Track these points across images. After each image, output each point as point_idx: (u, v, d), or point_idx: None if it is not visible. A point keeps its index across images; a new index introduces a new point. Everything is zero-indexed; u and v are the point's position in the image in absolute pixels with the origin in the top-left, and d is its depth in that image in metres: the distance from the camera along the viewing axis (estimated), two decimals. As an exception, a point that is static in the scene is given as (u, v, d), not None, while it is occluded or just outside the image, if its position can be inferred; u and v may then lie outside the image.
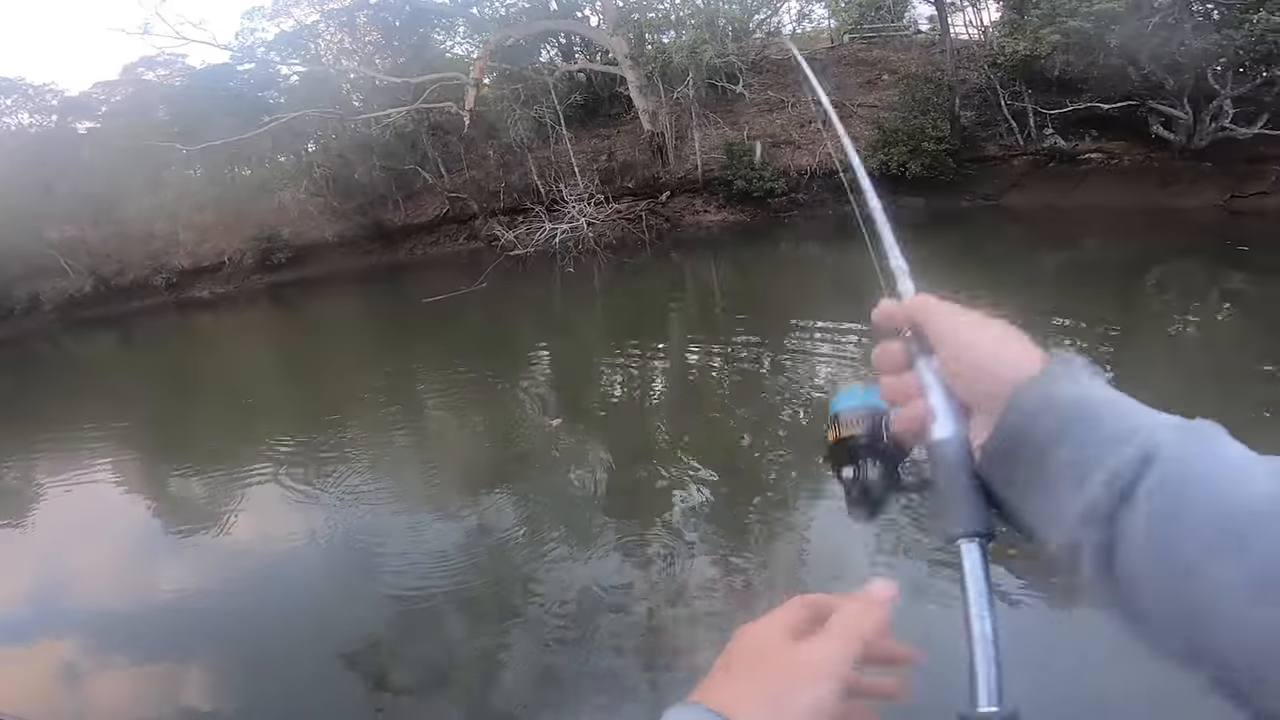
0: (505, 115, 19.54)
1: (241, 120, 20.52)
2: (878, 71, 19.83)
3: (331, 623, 4.65)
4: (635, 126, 19.82)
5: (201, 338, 18.95)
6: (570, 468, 6.27)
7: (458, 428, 8.29)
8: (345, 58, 23.30)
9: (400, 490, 6.52)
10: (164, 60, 25.08)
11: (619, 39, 18.53)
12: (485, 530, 5.54)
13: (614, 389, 8.68)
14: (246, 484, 7.21)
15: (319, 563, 5.48)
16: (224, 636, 4.76)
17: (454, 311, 13.75)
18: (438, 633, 4.46)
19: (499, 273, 15.90)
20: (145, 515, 7.33)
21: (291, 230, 22.69)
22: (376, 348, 13.41)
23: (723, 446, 6.30)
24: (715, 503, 5.39)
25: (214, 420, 10.06)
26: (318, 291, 21.20)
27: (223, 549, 6.06)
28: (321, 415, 9.02)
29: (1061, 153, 15.80)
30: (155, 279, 22.72)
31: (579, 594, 4.46)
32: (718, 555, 4.70)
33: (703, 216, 19.14)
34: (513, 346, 11.58)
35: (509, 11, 21.35)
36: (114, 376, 15.51)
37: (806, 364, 8.23)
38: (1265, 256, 10.84)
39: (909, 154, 16.15)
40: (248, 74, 24.44)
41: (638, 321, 11.86)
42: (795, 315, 9.97)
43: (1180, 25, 12.18)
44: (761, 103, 19.68)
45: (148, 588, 5.58)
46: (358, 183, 21.63)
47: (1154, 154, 14.87)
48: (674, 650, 3.98)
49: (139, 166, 22.15)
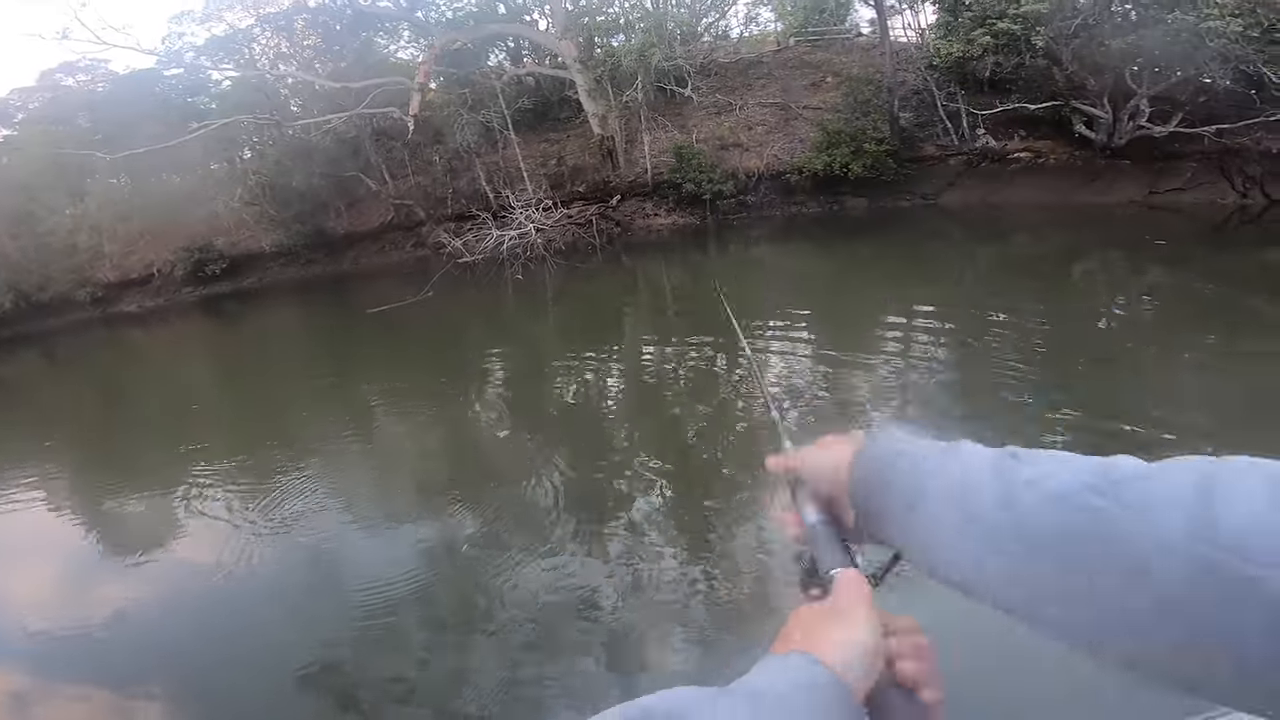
0: (452, 120, 19.24)
1: (169, 127, 19.59)
2: (822, 74, 20.32)
3: (286, 644, 4.49)
4: (585, 130, 19.78)
5: (131, 353, 18.02)
6: (525, 474, 6.21)
7: (407, 439, 8.12)
8: (283, 62, 22.52)
9: (351, 504, 6.34)
10: (85, 66, 23.83)
11: (568, 43, 18.49)
12: (443, 541, 5.45)
13: (566, 394, 8.65)
14: (185, 505, 6.88)
15: (268, 584, 5.27)
16: (171, 663, 4.55)
17: (401, 321, 13.45)
18: (400, 647, 4.36)
19: (447, 281, 15.64)
20: (76, 539, 6.93)
21: (226, 240, 21.76)
22: (319, 360, 13.01)
23: (678, 447, 6.36)
24: (674, 502, 5.44)
25: (146, 439, 9.59)
26: (256, 303, 20.39)
27: (162, 573, 5.76)
28: (262, 431, 8.71)
29: (993, 152, 16.50)
30: (79, 293, 21.50)
31: (542, 599, 4.43)
32: (678, 554, 4.75)
33: (653, 220, 19.25)
34: (462, 355, 11.40)
35: (455, 15, 21.05)
36: (42, 396, 14.63)
37: (759, 362, 8.37)
38: (1179, 249, 11.59)
39: (851, 155, 16.59)
40: (175, 79, 23.39)
41: (590, 326, 11.85)
42: (746, 316, 10.13)
43: (1100, 25, 12.75)
44: (710, 105, 19.91)
45: (85, 615, 5.28)
46: (296, 190, 20.88)
47: (1078, 152, 15.69)
48: (641, 649, 4.01)
49: (59, 176, 20.97)
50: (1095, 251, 12.32)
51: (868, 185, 17.01)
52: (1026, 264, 11.81)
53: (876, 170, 16.58)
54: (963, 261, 13.02)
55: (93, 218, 21.96)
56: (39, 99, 24.31)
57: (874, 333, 8.70)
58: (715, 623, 4.11)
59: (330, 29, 21.60)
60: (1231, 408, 5.64)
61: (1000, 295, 10.12)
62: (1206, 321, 7.86)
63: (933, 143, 17.30)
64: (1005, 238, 14.35)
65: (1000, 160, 16.58)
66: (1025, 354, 7.27)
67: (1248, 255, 11.22)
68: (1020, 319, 8.64)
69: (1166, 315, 8.55)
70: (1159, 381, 6.47)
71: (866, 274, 12.75)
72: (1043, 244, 13.40)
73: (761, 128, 19.17)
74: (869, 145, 16.52)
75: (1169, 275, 10.16)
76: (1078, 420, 5.73)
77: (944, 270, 11.87)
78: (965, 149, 16.78)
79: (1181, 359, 6.92)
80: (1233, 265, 10.32)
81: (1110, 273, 10.96)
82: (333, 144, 20.60)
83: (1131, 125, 14.30)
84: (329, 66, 21.37)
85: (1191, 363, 6.81)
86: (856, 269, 13.24)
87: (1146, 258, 11.16)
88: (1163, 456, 0.54)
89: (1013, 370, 6.81)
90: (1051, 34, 12.90)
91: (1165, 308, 8.89)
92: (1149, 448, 5.34)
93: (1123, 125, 14.45)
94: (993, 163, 16.64)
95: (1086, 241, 12.88)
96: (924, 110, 17.37)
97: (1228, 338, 7.23)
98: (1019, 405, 6.18)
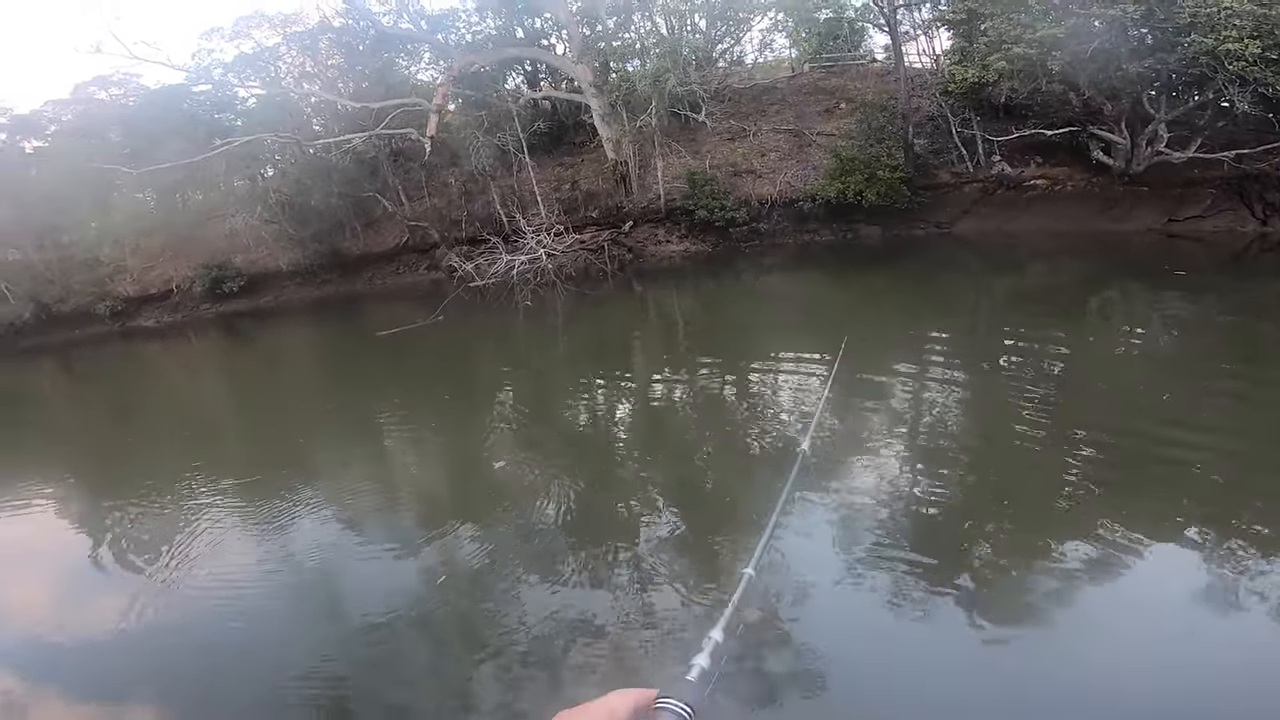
0: (468, 142, 19.48)
1: (195, 143, 20.02)
2: (836, 100, 20.41)
3: (284, 663, 4.44)
4: (599, 155, 19.94)
5: (148, 369, 18.20)
6: (529, 500, 6.13)
7: (412, 462, 8.08)
8: (307, 81, 23.01)
9: (356, 525, 6.28)
10: (118, 80, 24.37)
11: (584, 67, 18.74)
12: (447, 563, 5.37)
13: (573, 422, 8.56)
14: (195, 519, 6.87)
15: (269, 604, 5.21)
16: (174, 673, 4.51)
17: (411, 345, 13.49)
18: (400, 670, 4.27)
19: (458, 305, 15.69)
20: (87, 550, 6.92)
21: (244, 258, 22.08)
22: (327, 381, 13.11)
23: (684, 476, 6.25)
24: (679, 530, 5.32)
25: (155, 455, 9.62)
26: (271, 322, 20.62)
27: (174, 585, 5.71)
28: (268, 451, 8.72)
29: (1008, 179, 16.39)
30: (99, 306, 21.85)
31: (544, 623, 4.35)
32: (683, 581, 4.63)
33: (665, 246, 19.27)
34: (469, 379, 11.37)
35: (475, 38, 21.43)
36: (55, 408, 14.80)
37: (769, 395, 8.26)
38: (1201, 280, 11.38)
39: (865, 182, 16.51)
40: (203, 95, 23.93)
41: (599, 354, 11.71)
42: (757, 347, 10.05)
43: (1117, 50, 12.66)
44: (724, 131, 20.01)
45: (90, 624, 5.28)
46: (315, 209, 21.19)
47: (1095, 179, 15.55)
48: (644, 678, 3.89)
49: (87, 189, 21.40)
50: (1114, 281, 12.13)
51: (882, 213, 16.91)
52: (1043, 295, 11.63)
53: (890, 198, 16.49)
54: (978, 293, 12.87)
55: (117, 232, 22.38)
56: (72, 111, 24.83)
57: (888, 365, 8.59)
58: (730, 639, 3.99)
59: (353, 49, 22.04)
60: (1259, 433, 5.51)
61: (1017, 328, 9.98)
62: (1228, 351, 7.67)
63: (948, 170, 17.23)
64: (1022, 267, 14.18)
65: (1016, 187, 16.47)
66: (1043, 385, 7.11)
67: (1268, 285, 11.01)
68: (1038, 352, 8.50)
69: (1187, 346, 8.36)
70: (1179, 409, 6.31)
71: (880, 306, 12.61)
72: (1060, 273, 13.22)
73: (775, 154, 19.22)
74: (883, 172, 16.45)
75: (1189, 305, 9.96)
76: (1095, 444, 5.56)
77: (959, 302, 11.71)
78: (981, 176, 16.69)
79: (1202, 386, 6.74)
80: (1255, 295, 10.13)
81: (1130, 303, 10.76)
82: (352, 164, 20.94)
83: (1150, 151, 14.14)
84: (351, 86, 21.80)
85: (1213, 389, 6.63)
86: (870, 301, 13.10)
87: (1166, 287, 10.96)
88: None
89: (1028, 400, 6.65)
90: (1067, 59, 12.79)
91: (1185, 338, 8.69)
92: (1172, 465, 5.22)
93: (1141, 151, 14.30)
94: (1008, 190, 16.53)
95: (1104, 272, 12.68)
96: (939, 137, 17.33)
97: (1251, 367, 7.04)
98: (1035, 436, 6.02)
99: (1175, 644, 3.62)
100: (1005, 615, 3.96)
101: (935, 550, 4.61)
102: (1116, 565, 4.22)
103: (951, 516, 5.03)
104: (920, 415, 7.09)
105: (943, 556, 4.53)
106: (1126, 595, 4.00)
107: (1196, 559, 4.23)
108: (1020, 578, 4.27)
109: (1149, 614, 3.84)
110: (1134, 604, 3.94)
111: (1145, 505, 4.79)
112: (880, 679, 3.72)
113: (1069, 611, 3.91)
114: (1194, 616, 3.82)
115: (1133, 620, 3.77)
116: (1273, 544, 4.21)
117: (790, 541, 4.77)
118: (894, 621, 4.05)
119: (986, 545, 4.70)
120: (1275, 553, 4.13)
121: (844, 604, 4.27)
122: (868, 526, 4.94)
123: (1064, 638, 3.75)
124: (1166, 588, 4.06)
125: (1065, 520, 4.72)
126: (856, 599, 4.28)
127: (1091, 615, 3.87)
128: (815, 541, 4.83)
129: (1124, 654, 3.49)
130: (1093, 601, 3.96)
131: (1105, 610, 3.91)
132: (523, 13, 21.05)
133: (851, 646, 3.96)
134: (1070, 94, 14.19)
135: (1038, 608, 3.98)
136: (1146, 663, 3.44)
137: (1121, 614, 3.84)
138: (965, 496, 5.29)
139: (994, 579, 4.32)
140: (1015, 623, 3.93)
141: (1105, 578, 4.13)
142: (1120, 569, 4.19)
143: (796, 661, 3.82)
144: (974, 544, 4.73)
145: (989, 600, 4.09)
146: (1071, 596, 4.01)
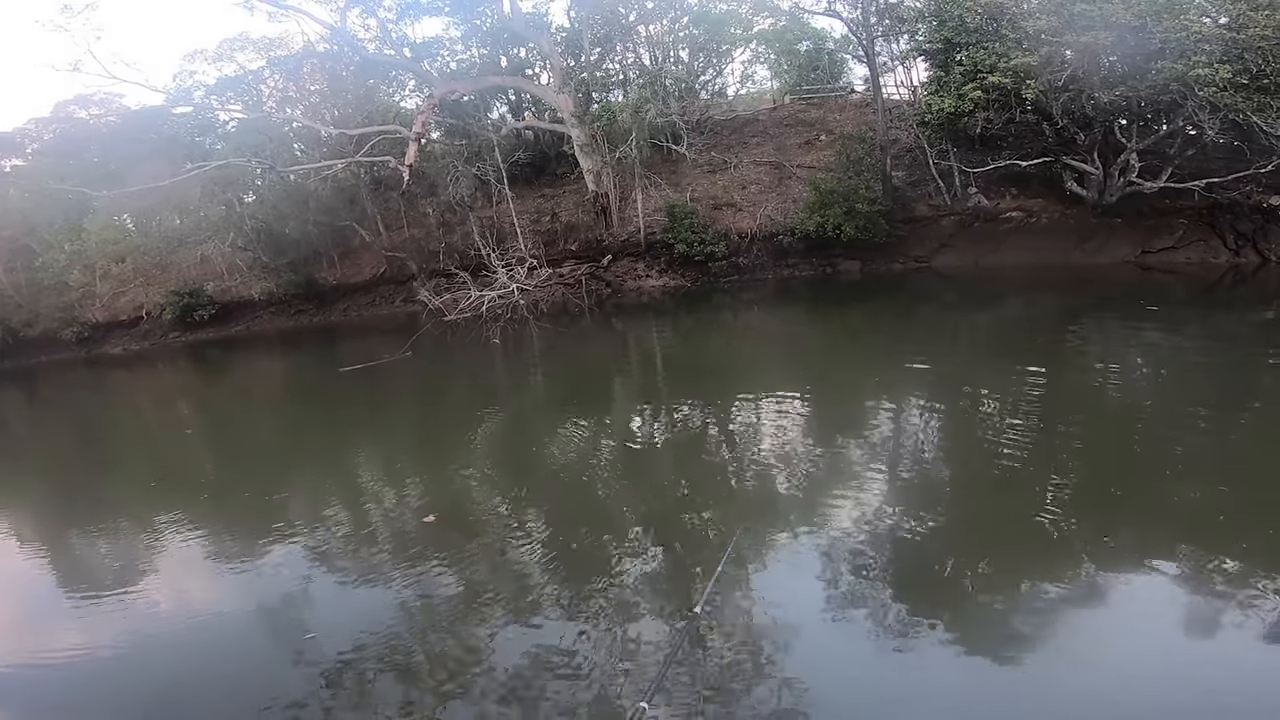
0: (448, 171, 19.36)
1: (175, 166, 19.71)
2: (816, 132, 20.59)
3: (250, 694, 4.20)
4: (580, 187, 19.90)
5: (112, 397, 17.64)
6: (498, 536, 5.86)
7: (375, 496, 7.75)
8: (289, 106, 22.90)
9: (322, 557, 5.97)
10: (100, 99, 23.97)
11: (565, 97, 18.77)
12: (420, 598, 5.11)
13: (539, 461, 8.22)
14: (156, 548, 6.69)
15: (235, 634, 4.98)
16: (129, 704, 4.33)
17: (376, 380, 13.10)
18: (370, 705, 4.02)
19: (430, 340, 15.35)
20: (44, 576, 6.74)
21: (217, 285, 21.74)
22: (291, 413, 12.75)
23: (662, 515, 5.99)
24: (657, 567, 5.11)
25: (116, 487, 9.22)
26: (241, 351, 20.14)
27: (133, 613, 5.47)
28: (231, 480, 8.40)
29: (985, 211, 16.50)
30: (65, 332, 21.36)
31: (520, 661, 4.16)
32: (660, 619, 4.47)
33: (644, 281, 19.17)
34: (429, 418, 10.91)
35: (459, 66, 21.48)
36: (16, 436, 14.29)
37: (748, 434, 8.04)
38: (1174, 312, 11.38)
39: (844, 215, 16.54)
40: (185, 118, 23.67)
41: (567, 396, 11.09)
42: (737, 384, 9.86)
43: (1089, 78, 12.77)
44: (704, 163, 20.09)
45: (41, 652, 5.04)
46: (290, 238, 20.89)
47: (1069, 210, 15.70)
48: (619, 713, 3.68)
49: (62, 210, 21.07)
50: (1089, 314, 12.09)
51: (860, 247, 16.94)
52: (1019, 332, 11.56)
53: (869, 231, 16.53)
54: (959, 325, 12.78)
55: (88, 256, 22.01)
56: (53, 130, 24.52)
57: (865, 404, 8.41)
58: (701, 681, 3.87)
59: (337, 75, 21.98)
60: (1233, 465, 5.50)
61: (996, 357, 9.89)
62: (1200, 388, 7.59)
63: (925, 202, 17.34)
64: (999, 302, 14.16)
65: (993, 220, 16.58)
66: (1019, 428, 6.94)
67: (1243, 318, 11.02)
68: (1018, 377, 8.37)
69: (1160, 382, 8.25)
70: (1153, 442, 6.20)
71: (858, 342, 12.49)
72: (1035, 308, 13.22)
73: (755, 186, 19.27)
74: (861, 205, 16.50)
75: (1164, 339, 9.91)
76: (1073, 490, 5.38)
77: (936, 340, 11.52)
78: (958, 209, 16.79)
79: (1177, 421, 6.66)
80: (1226, 328, 10.17)
81: (1106, 338, 10.67)
82: (330, 192, 20.72)
83: (1122, 181, 14.30)
84: (333, 113, 21.68)
85: (1186, 425, 6.53)
86: (848, 337, 12.98)
87: (1141, 321, 10.92)
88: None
89: (1007, 442, 6.47)
90: (1041, 87, 12.93)
91: (1158, 374, 8.60)
92: (1148, 497, 5.18)
93: (1114, 181, 14.45)
94: (985, 222, 16.63)
95: (1081, 306, 12.66)
96: (916, 168, 17.48)
97: (1222, 405, 6.94)
98: (1013, 476, 5.83)
99: (1154, 673, 3.61)
100: (985, 647, 3.92)
101: (912, 583, 4.56)
102: (1095, 598, 4.23)
103: (927, 550, 4.93)
104: (898, 451, 6.88)
105: (920, 589, 4.49)
106: (1105, 626, 3.97)
107: (1175, 591, 4.20)
108: (1001, 610, 4.24)
109: (1128, 645, 3.79)
110: (1113, 635, 3.90)
111: (1123, 538, 4.76)
112: (860, 715, 3.68)
113: (1048, 642, 3.92)
114: (1173, 646, 3.84)
115: (1111, 651, 3.73)
116: (1247, 575, 4.21)
117: (758, 579, 4.74)
118: (873, 655, 3.99)
119: (965, 578, 4.60)
120: (1249, 584, 4.13)
121: (822, 640, 4.18)
122: (844, 559, 4.86)
123: (1042, 668, 3.74)
124: (1146, 619, 4.01)
125: (1044, 553, 4.67)
126: (835, 632, 4.20)
127: (1071, 646, 3.84)
128: (778, 577, 4.78)
129: (1102, 684, 3.48)
130: (1072, 632, 3.95)
131: (1083, 641, 3.87)
132: (508, 43, 21.18)
133: (830, 682, 3.84)
134: (1044, 124, 14.38)
135: (1017, 638, 3.98)
136: (1128, 696, 3.42)
137: (1099, 644, 3.80)
138: (940, 530, 5.16)
139: (972, 612, 4.25)
140: (994, 654, 3.89)
141: (1084, 609, 4.14)
142: (1098, 601, 4.19)
143: (776, 701, 3.70)
144: (953, 576, 4.62)
145: (968, 632, 4.04)
146: (1051, 628, 4.01)
